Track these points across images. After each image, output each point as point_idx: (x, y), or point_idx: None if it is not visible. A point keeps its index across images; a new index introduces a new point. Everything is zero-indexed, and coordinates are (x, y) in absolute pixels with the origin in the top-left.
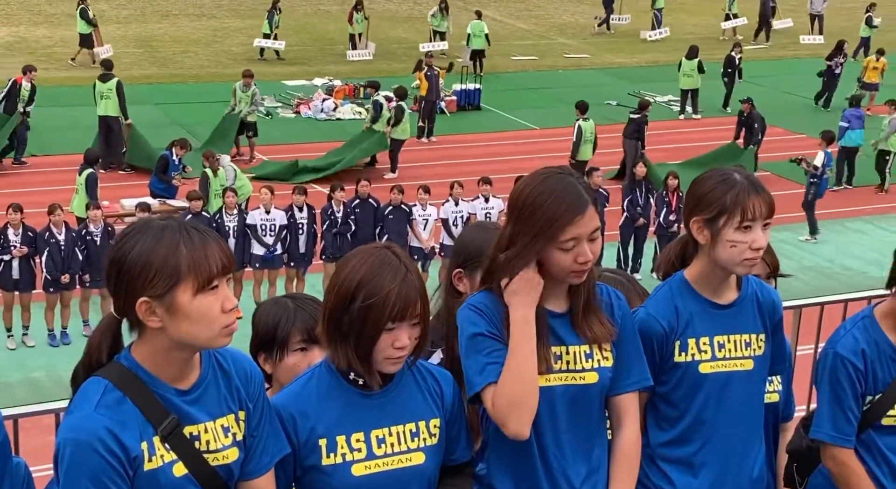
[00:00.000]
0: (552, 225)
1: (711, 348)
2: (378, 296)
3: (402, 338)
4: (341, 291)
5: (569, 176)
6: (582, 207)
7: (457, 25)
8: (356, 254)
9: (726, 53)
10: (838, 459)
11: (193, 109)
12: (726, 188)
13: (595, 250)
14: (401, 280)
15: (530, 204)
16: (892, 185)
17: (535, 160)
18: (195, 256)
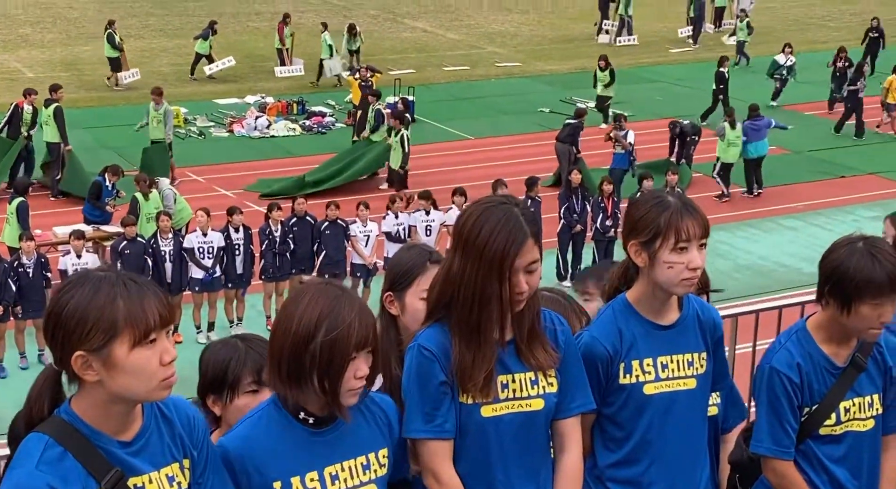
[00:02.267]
0: (493, 260)
1: (655, 369)
2: (341, 328)
3: (362, 367)
4: (300, 330)
5: (512, 206)
6: (520, 239)
7: (395, 39)
8: (306, 291)
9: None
10: (778, 471)
11: (124, 132)
12: (660, 210)
13: (533, 282)
14: (358, 310)
15: (474, 238)
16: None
17: (473, 170)
18: (132, 309)
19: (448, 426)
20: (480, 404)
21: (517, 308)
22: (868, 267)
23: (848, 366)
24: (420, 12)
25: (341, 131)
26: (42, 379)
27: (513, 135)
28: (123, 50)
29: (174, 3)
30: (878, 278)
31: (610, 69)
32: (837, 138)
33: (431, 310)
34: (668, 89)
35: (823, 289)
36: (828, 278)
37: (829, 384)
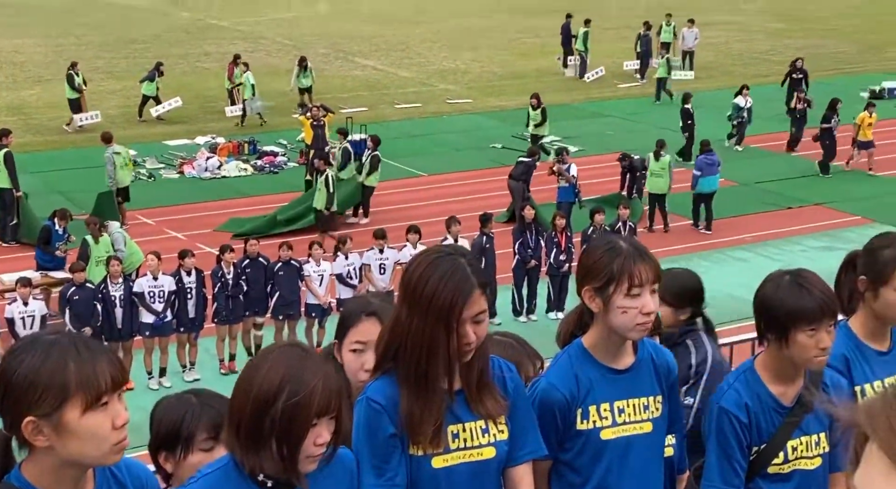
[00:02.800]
0: (441, 312)
1: (612, 414)
2: (304, 393)
3: (323, 434)
4: (261, 393)
5: (459, 257)
6: (467, 291)
7: (346, 77)
8: (269, 352)
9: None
10: None
11: (73, 176)
12: (613, 256)
13: (479, 332)
14: (323, 375)
15: (421, 289)
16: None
17: (427, 207)
18: (84, 373)
19: (399, 479)
20: (431, 455)
21: (465, 358)
22: (796, 296)
23: (795, 406)
24: (371, 50)
25: (293, 170)
26: None
27: (466, 171)
28: (83, 92)
29: (121, 45)
30: (808, 306)
31: (542, 108)
32: (784, 170)
33: (379, 361)
34: (618, 124)
35: (760, 326)
36: (761, 314)
37: (777, 423)
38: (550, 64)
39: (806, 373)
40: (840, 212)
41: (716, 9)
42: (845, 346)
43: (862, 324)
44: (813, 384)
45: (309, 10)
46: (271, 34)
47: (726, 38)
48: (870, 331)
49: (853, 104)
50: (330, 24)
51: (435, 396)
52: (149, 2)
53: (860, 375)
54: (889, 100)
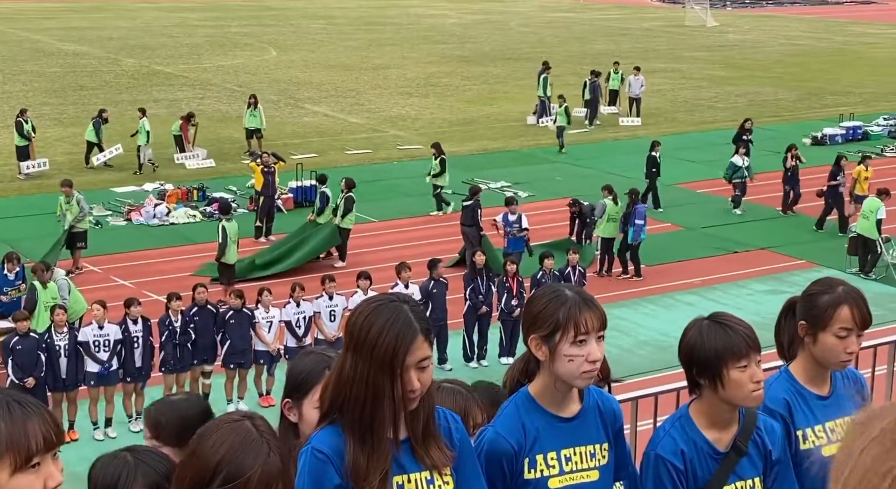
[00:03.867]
0: (384, 358)
1: (559, 462)
2: (239, 480)
3: None
4: (198, 471)
5: (402, 303)
6: (409, 337)
7: (296, 123)
8: (215, 428)
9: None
10: None
11: (17, 224)
12: (558, 305)
13: (424, 379)
14: (263, 461)
15: (364, 336)
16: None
17: (378, 253)
18: (14, 433)
19: None
20: None
21: (410, 406)
22: (721, 336)
23: (729, 451)
24: (321, 97)
25: (243, 216)
26: None
27: (416, 216)
28: (32, 139)
29: (69, 91)
30: (735, 342)
31: (441, 159)
32: (729, 215)
33: (325, 412)
34: (567, 169)
35: (691, 375)
36: (690, 362)
37: (712, 469)
38: (499, 110)
39: (740, 419)
40: (785, 255)
41: (661, 57)
42: (786, 391)
43: (803, 369)
44: (747, 429)
45: (254, 58)
46: (219, 81)
47: (672, 85)
48: (810, 376)
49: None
50: (278, 70)
51: (380, 445)
52: (96, 49)
53: (802, 419)
54: (830, 146)
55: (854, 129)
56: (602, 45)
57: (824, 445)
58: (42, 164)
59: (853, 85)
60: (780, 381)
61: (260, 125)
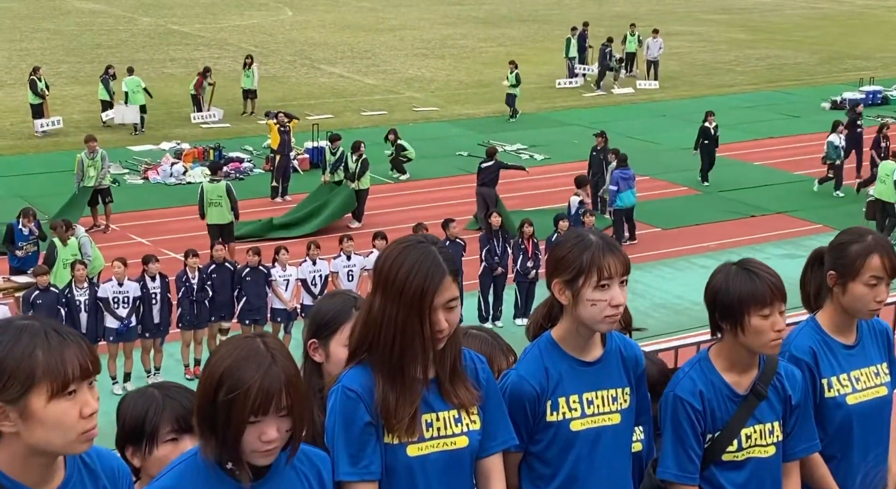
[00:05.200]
0: (412, 297)
1: (581, 405)
2: (239, 390)
3: (268, 431)
4: (207, 383)
5: (430, 244)
6: (437, 277)
7: (312, 84)
8: (226, 343)
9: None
10: None
11: (36, 181)
12: (582, 249)
13: (452, 319)
14: (263, 372)
15: (393, 277)
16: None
17: (394, 214)
18: (51, 361)
19: (374, 467)
20: (406, 444)
21: (438, 346)
22: (747, 282)
23: (749, 395)
24: (337, 58)
25: (259, 177)
26: None
27: (432, 178)
28: (46, 97)
29: (86, 50)
30: (759, 289)
31: (398, 145)
32: (746, 178)
33: (353, 352)
34: (584, 133)
35: (714, 317)
36: (714, 305)
37: (731, 411)
38: None
39: (760, 363)
40: (801, 220)
41: (680, 19)
42: (812, 340)
43: (829, 319)
44: (767, 373)
45: (270, 18)
46: (235, 40)
47: (690, 49)
48: (837, 326)
49: (815, 115)
50: (294, 31)
51: (410, 384)
52: (113, 7)
53: (827, 368)
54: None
55: (874, 94)
56: (620, 7)
57: (849, 394)
58: (56, 123)
59: (873, 49)
60: (807, 331)
61: (252, 85)
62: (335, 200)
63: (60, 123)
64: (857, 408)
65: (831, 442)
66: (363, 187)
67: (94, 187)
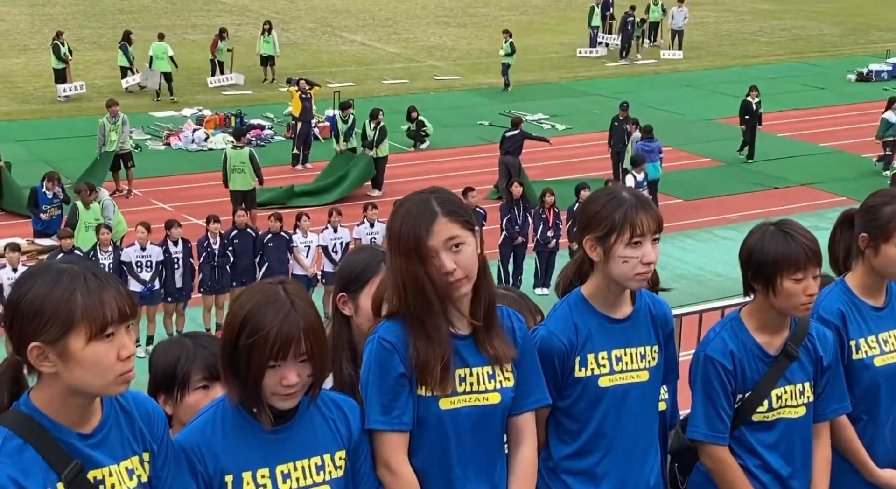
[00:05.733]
0: (410, 244)
1: (610, 362)
2: (259, 335)
3: (288, 376)
4: (229, 328)
5: (429, 193)
6: (430, 218)
7: (333, 52)
8: (247, 290)
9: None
10: (714, 456)
11: (58, 145)
12: (615, 206)
13: (461, 260)
14: (283, 317)
15: (392, 228)
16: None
17: (414, 182)
18: (90, 303)
19: (406, 418)
20: (438, 397)
21: (457, 292)
22: (782, 244)
23: (780, 355)
24: (358, 26)
25: (280, 144)
26: (3, 369)
27: (452, 148)
28: (69, 62)
29: (108, 15)
30: (794, 252)
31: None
32: (771, 150)
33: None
34: (606, 103)
35: (747, 277)
36: (748, 265)
37: (762, 372)
38: (538, 42)
39: (792, 324)
40: (825, 192)
41: None
42: (841, 302)
43: (859, 281)
44: (799, 334)
45: None
46: (256, 7)
47: (715, 19)
48: (866, 287)
49: (841, 87)
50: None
51: (436, 335)
52: None
53: (855, 330)
54: (876, 82)
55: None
56: None
57: (877, 356)
58: (80, 87)
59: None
60: (836, 292)
61: (273, 52)
62: (355, 169)
63: (83, 88)
64: (884, 370)
65: (858, 404)
66: (382, 155)
67: (115, 152)
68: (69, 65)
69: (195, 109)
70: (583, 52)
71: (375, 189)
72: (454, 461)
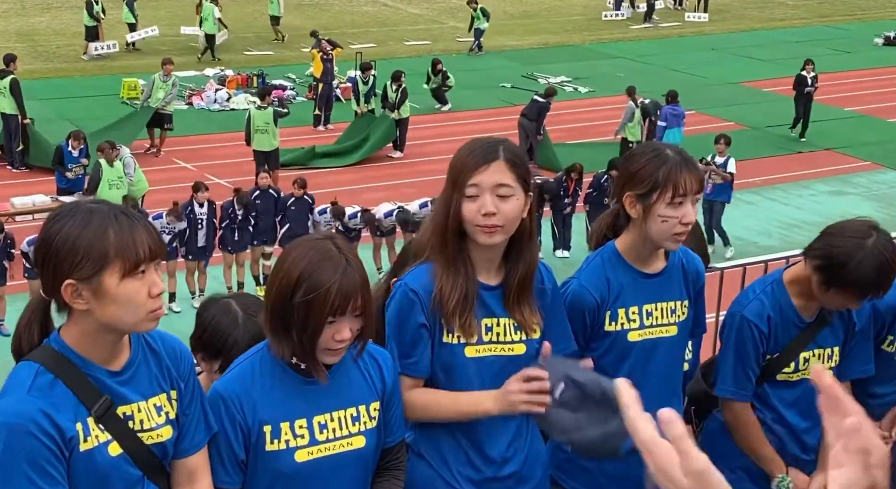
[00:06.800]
0: (458, 174)
1: (640, 317)
2: (318, 292)
3: (342, 330)
4: (282, 285)
5: (499, 142)
6: (488, 157)
7: (355, 12)
8: (298, 245)
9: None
10: (735, 411)
11: (81, 104)
12: (659, 164)
13: (505, 209)
14: (341, 273)
15: (454, 158)
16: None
17: (436, 144)
18: (123, 241)
19: (421, 366)
20: (465, 344)
21: (489, 238)
22: (868, 271)
23: (814, 321)
24: None
25: (302, 105)
26: (31, 308)
27: (475, 109)
28: (101, 20)
29: None
30: (870, 285)
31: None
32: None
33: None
34: (629, 66)
35: (816, 256)
36: (826, 257)
37: (794, 334)
38: (561, 3)
39: None
40: (850, 157)
41: None
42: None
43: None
44: None
45: None
46: None
47: None
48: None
49: (867, 51)
50: None
51: (457, 278)
52: None
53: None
54: None
55: None
56: None
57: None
58: (112, 46)
59: None
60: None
61: (277, 12)
62: (377, 131)
63: (116, 47)
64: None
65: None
66: (404, 116)
67: (156, 109)
68: (101, 23)
69: (217, 70)
70: (608, 15)
71: (397, 150)
72: None
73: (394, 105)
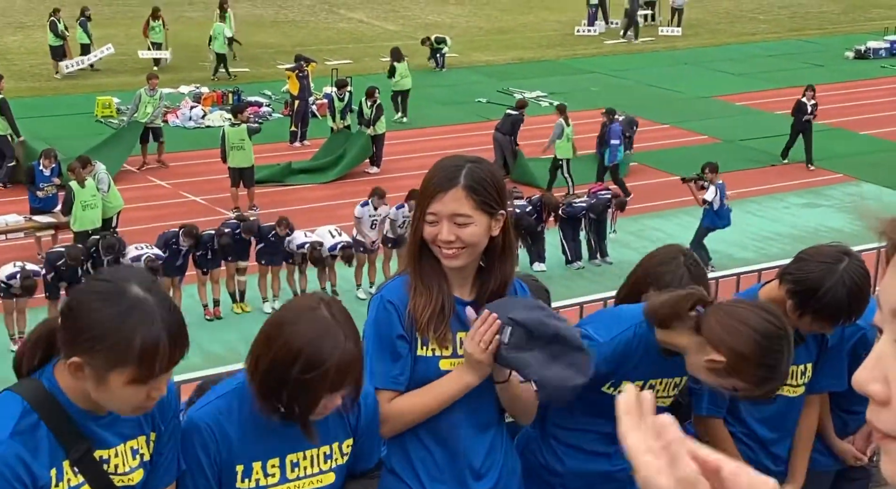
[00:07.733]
0: (421, 198)
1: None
2: (317, 371)
3: (335, 400)
4: (278, 356)
5: (466, 162)
6: (446, 185)
7: (331, 29)
8: (293, 313)
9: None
10: (708, 425)
11: (54, 122)
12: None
13: (464, 235)
14: (341, 351)
15: (425, 177)
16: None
17: (413, 160)
18: (146, 351)
19: (401, 379)
20: (439, 357)
21: (448, 262)
22: (840, 297)
23: None
24: (356, 3)
25: (278, 121)
26: (43, 331)
27: (451, 125)
28: (66, 39)
29: None
30: (842, 311)
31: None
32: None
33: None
34: (603, 80)
35: (789, 281)
36: (798, 282)
37: None
38: (535, 19)
39: None
40: (823, 169)
41: None
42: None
43: None
44: None
45: None
46: None
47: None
48: None
49: (839, 64)
50: None
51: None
52: None
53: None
54: (874, 60)
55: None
56: None
57: None
58: (83, 62)
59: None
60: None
61: (223, 49)
62: (353, 147)
63: (84, 64)
64: None
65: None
66: (379, 132)
67: (145, 124)
68: (67, 41)
69: (192, 87)
70: (581, 30)
71: (374, 166)
72: (455, 420)
73: (369, 121)
